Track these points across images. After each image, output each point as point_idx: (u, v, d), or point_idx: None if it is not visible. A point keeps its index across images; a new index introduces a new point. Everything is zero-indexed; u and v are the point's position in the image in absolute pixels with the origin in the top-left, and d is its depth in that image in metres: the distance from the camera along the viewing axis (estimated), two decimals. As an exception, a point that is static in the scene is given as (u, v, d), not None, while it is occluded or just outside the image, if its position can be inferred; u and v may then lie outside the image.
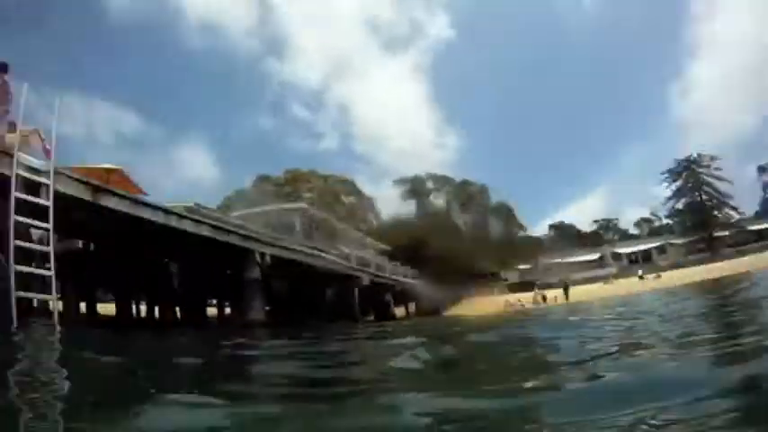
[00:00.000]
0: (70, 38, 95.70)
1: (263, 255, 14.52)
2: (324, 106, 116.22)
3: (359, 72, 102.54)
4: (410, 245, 39.63)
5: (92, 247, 14.15)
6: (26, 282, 7.19)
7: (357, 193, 62.38)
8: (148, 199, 12.33)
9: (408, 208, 60.62)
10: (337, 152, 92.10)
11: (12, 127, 8.13)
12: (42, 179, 7.82)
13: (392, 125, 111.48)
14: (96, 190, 9.36)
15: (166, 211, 12.08)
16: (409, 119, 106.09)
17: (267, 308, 16.25)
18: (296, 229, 25.94)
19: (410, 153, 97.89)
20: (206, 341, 9.85)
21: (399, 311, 32.89)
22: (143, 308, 18.11)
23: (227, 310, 24.20)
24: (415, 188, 62.51)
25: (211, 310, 24.26)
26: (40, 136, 8.49)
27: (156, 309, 17.52)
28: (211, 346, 8.12)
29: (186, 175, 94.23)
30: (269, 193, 48.80)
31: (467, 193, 62.45)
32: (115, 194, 9.92)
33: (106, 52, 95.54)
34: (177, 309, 17.71)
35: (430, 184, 63.66)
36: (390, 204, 63.23)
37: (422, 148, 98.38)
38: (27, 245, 7.45)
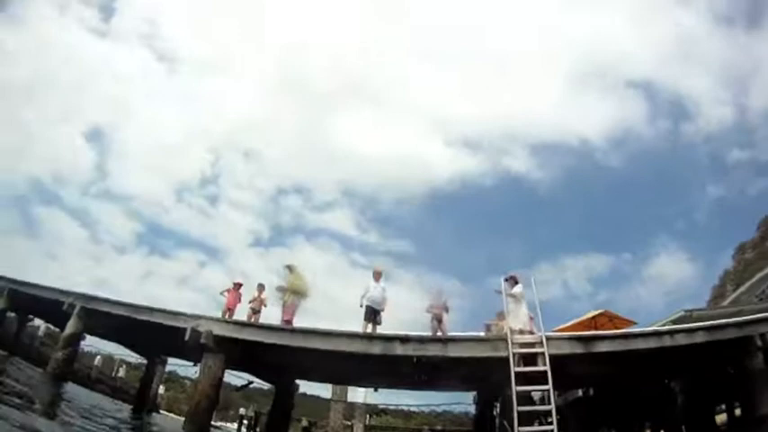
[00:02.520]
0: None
1: (762, 336, 11.75)
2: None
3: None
4: None
5: (590, 391, 13.79)
6: None
7: None
8: (638, 328, 12.27)
9: None
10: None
11: (501, 317, 9.90)
12: (536, 350, 8.44)
13: None
14: (586, 340, 9.28)
15: (657, 334, 11.20)
16: None
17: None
18: None
19: None
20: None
21: None
22: None
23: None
24: None
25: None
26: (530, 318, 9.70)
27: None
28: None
29: (669, 284, 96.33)
30: (751, 261, 40.81)
31: None
32: (605, 338, 9.62)
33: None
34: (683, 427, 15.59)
35: None
36: None
37: None
38: (529, 408, 8.27)
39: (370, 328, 9.59)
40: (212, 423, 13.08)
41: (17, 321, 17.97)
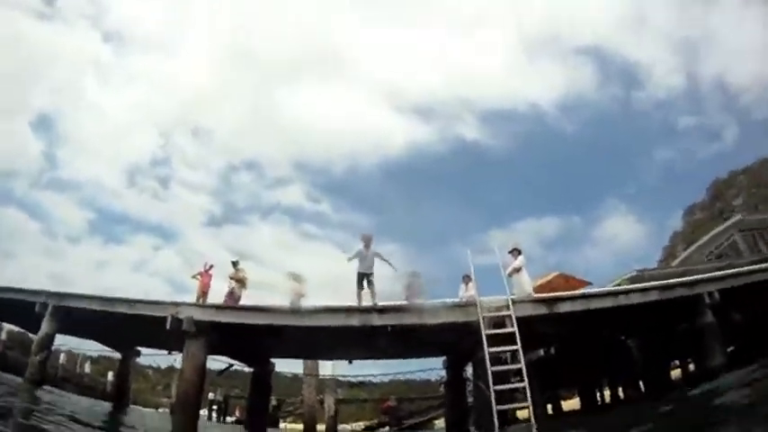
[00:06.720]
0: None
1: (710, 294, 12.67)
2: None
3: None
4: None
5: (551, 350, 14.55)
6: (503, 395, 8.65)
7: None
8: (593, 288, 12.86)
9: None
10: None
11: (466, 280, 10.98)
12: (504, 313, 9.10)
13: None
14: (549, 302, 9.90)
15: (613, 294, 11.95)
16: None
17: (730, 349, 14.17)
18: (738, 247, 22.66)
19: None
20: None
21: None
22: (606, 392, 17.79)
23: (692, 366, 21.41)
24: None
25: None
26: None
27: (620, 389, 17.06)
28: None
29: (619, 245, 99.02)
30: (701, 222, 42.76)
31: None
32: (566, 299, 10.24)
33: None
34: (641, 382, 16.58)
35: None
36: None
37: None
38: (501, 368, 8.96)
39: (366, 296, 10.15)
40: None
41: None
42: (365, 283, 10.28)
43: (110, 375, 24.70)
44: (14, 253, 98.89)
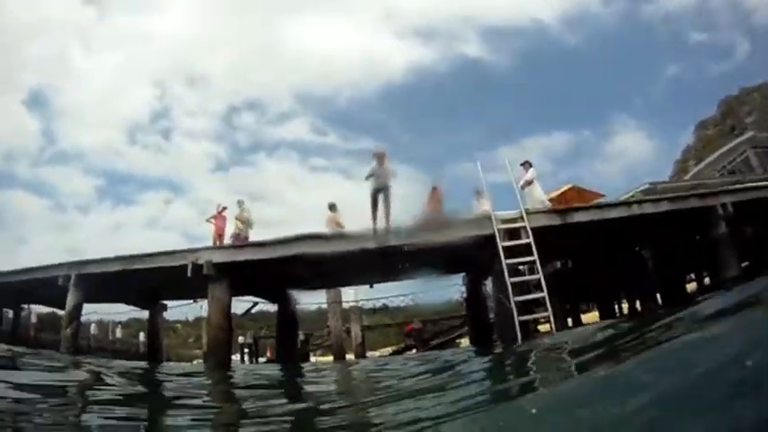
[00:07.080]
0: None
1: (724, 206, 12.69)
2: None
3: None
4: None
5: (568, 263, 14.66)
6: (524, 306, 8.78)
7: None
8: (607, 200, 13.24)
9: None
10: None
11: (479, 196, 10.93)
12: (518, 224, 9.14)
13: None
14: (562, 212, 10.02)
15: (626, 204, 12.33)
16: None
17: (745, 263, 14.34)
18: (751, 163, 23.22)
19: None
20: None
21: None
22: (625, 305, 18.07)
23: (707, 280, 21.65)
24: None
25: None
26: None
27: (638, 301, 17.20)
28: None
29: (630, 161, 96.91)
30: (712, 138, 42.10)
31: None
32: (579, 209, 10.34)
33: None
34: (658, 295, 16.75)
35: None
36: None
37: None
38: (520, 279, 9.11)
39: (380, 214, 9.95)
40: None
41: (13, 315, 17.77)
42: (380, 198, 9.98)
43: (141, 336, 25.46)
44: (27, 236, 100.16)
